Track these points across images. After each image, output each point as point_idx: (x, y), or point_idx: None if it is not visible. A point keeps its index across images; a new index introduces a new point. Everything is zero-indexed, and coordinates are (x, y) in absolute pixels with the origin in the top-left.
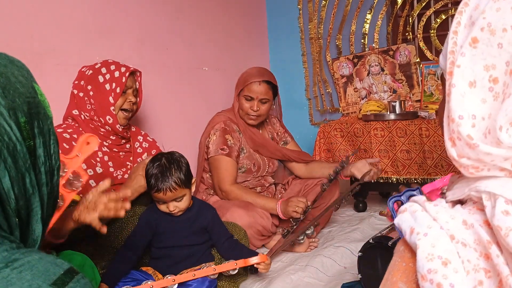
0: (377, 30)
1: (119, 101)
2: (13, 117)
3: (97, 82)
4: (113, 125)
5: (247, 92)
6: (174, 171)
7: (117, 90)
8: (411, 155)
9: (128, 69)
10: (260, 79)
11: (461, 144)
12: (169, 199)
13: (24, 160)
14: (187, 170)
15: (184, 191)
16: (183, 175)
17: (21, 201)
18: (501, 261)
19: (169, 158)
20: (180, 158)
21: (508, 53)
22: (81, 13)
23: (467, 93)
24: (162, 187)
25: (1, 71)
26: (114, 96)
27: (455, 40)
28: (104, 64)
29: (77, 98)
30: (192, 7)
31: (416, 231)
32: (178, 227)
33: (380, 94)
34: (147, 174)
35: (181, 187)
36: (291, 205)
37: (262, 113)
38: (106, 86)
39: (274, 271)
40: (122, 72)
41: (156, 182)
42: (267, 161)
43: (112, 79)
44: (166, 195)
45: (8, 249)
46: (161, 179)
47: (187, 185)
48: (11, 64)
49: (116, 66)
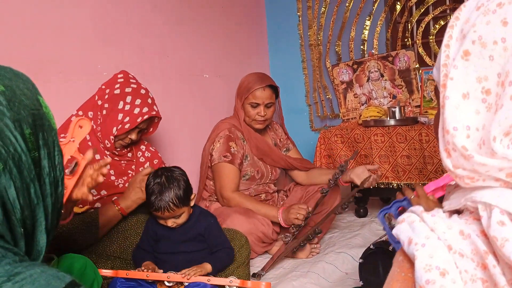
0: (377, 36)
1: (122, 135)
2: (19, 128)
3: (115, 107)
4: (109, 149)
5: (253, 99)
6: (172, 191)
7: (125, 126)
8: (412, 160)
9: (149, 112)
10: (263, 85)
11: (456, 155)
12: (167, 217)
13: (29, 171)
14: (186, 189)
15: (182, 210)
16: (182, 195)
17: (26, 211)
18: (497, 271)
19: (169, 177)
20: (180, 177)
21: (499, 65)
22: (82, 22)
23: (461, 105)
24: (160, 207)
25: (7, 84)
26: (119, 129)
27: (447, 53)
28: (134, 92)
29: (95, 104)
30: (192, 14)
31: (414, 241)
32: (174, 234)
33: (380, 100)
34: (147, 190)
35: (179, 207)
36: (293, 212)
37: (268, 117)
38: (119, 116)
39: (276, 277)
40: (142, 112)
41: (154, 201)
42: (270, 169)
43: (129, 112)
44: (164, 214)
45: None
46: (159, 198)
47: (185, 203)
48: (16, 77)
49: (142, 101)
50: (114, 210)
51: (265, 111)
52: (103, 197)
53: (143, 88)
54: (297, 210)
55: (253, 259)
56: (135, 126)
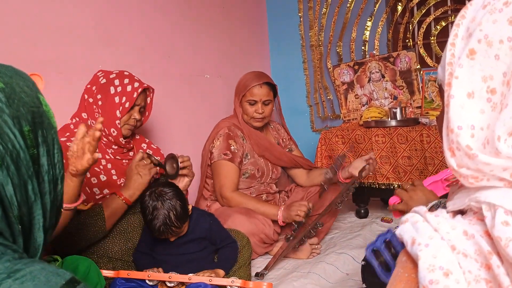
0: (378, 37)
1: (125, 117)
2: (17, 125)
3: (108, 93)
4: (116, 137)
5: (250, 96)
6: (171, 214)
7: (126, 105)
8: (413, 161)
9: (141, 85)
10: (260, 82)
11: (460, 154)
12: (170, 237)
13: (27, 168)
14: (183, 206)
15: (184, 227)
16: (181, 214)
17: (23, 208)
18: (501, 271)
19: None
20: (174, 197)
21: (505, 64)
22: (83, 22)
23: (465, 104)
24: (163, 233)
25: (6, 81)
26: (122, 111)
27: (452, 51)
28: (119, 76)
29: (87, 103)
30: (193, 15)
31: (417, 242)
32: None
33: (381, 101)
34: (145, 217)
35: (181, 226)
36: (293, 209)
37: (267, 114)
38: (116, 99)
39: (277, 278)
40: (134, 88)
41: (157, 230)
42: (271, 167)
43: (123, 92)
44: (168, 237)
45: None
46: (161, 228)
47: (185, 220)
48: (17, 75)
49: (130, 80)
50: (118, 201)
51: (263, 108)
52: (106, 196)
53: (124, 71)
54: (298, 207)
55: (254, 259)
56: (134, 103)
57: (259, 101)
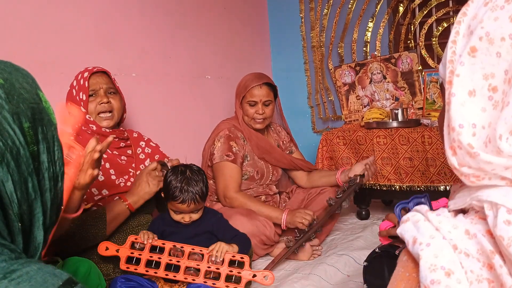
0: (379, 38)
1: (91, 106)
2: (17, 122)
3: (72, 96)
4: (99, 130)
5: (250, 97)
6: (198, 184)
7: (83, 98)
8: (414, 162)
9: (89, 71)
10: (260, 82)
11: (461, 153)
12: (190, 210)
13: (27, 165)
14: (207, 184)
15: (203, 204)
16: (205, 188)
17: (24, 205)
18: (504, 271)
19: (193, 171)
20: (202, 171)
21: (506, 61)
22: (84, 23)
23: (467, 102)
24: (187, 199)
25: (6, 78)
26: (84, 105)
27: (454, 49)
28: (76, 76)
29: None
30: (195, 16)
31: (418, 241)
32: (182, 231)
33: (382, 102)
34: (170, 185)
35: (203, 199)
36: (298, 216)
37: (267, 115)
38: (77, 98)
39: (278, 279)
40: (84, 77)
41: (181, 194)
42: (271, 169)
43: (79, 87)
44: (189, 206)
45: (6, 259)
46: (187, 191)
47: (205, 199)
48: (16, 71)
49: (82, 72)
50: (121, 206)
51: (264, 109)
52: (105, 197)
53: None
54: (303, 215)
55: (254, 261)
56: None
57: (259, 102)
